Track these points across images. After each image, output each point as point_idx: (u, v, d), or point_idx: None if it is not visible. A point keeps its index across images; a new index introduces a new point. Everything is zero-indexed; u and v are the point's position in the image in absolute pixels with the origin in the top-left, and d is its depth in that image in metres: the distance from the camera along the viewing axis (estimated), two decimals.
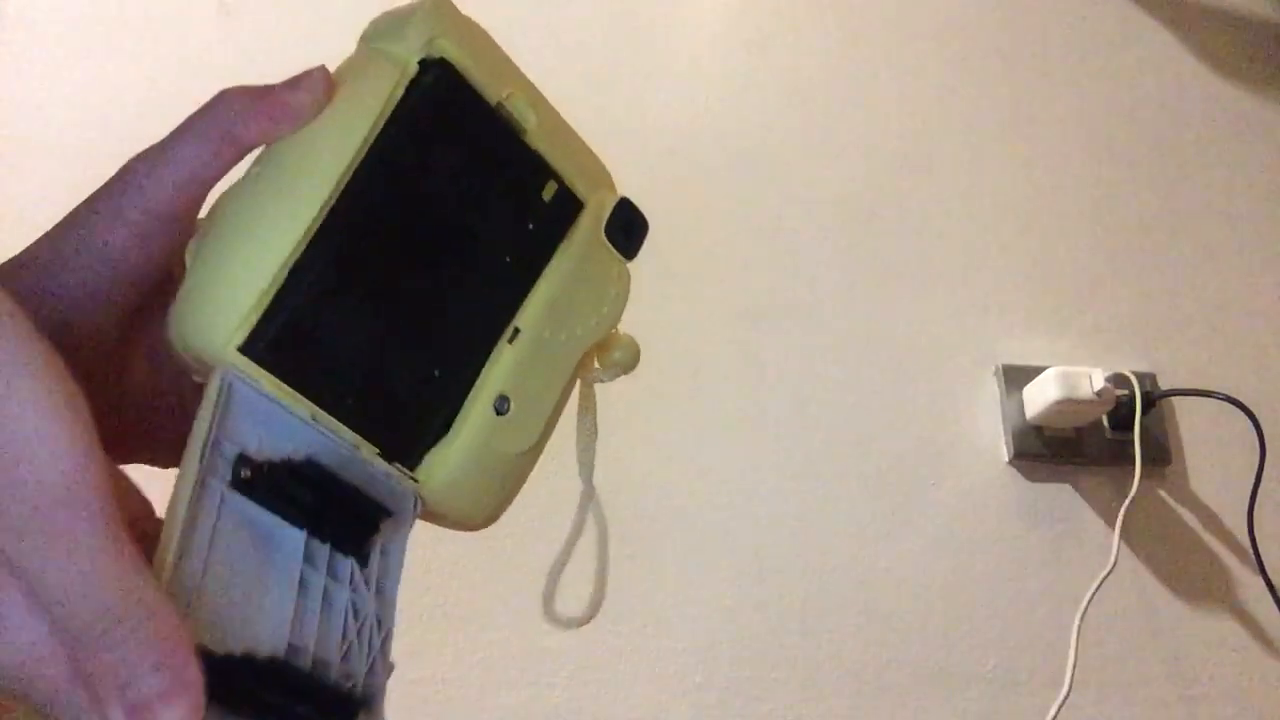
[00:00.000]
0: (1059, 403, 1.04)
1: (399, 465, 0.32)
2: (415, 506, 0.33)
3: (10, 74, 1.11)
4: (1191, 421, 1.13)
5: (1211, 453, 1.11)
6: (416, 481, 0.33)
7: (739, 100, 1.24)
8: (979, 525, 1.05)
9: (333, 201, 0.29)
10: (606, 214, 0.38)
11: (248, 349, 0.28)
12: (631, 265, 0.41)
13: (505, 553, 0.95)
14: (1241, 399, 1.04)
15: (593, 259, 0.38)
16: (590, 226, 0.37)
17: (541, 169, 0.34)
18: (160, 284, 0.32)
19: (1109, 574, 1.02)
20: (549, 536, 0.42)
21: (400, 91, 0.30)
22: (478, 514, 0.36)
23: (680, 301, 1.11)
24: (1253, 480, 1.04)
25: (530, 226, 0.34)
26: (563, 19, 1.27)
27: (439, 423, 0.33)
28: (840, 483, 1.05)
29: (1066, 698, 0.97)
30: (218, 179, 0.31)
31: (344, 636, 0.29)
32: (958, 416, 1.10)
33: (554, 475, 0.42)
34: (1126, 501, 1.05)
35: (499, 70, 0.33)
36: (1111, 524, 1.05)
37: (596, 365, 0.40)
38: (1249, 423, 1.04)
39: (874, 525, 1.03)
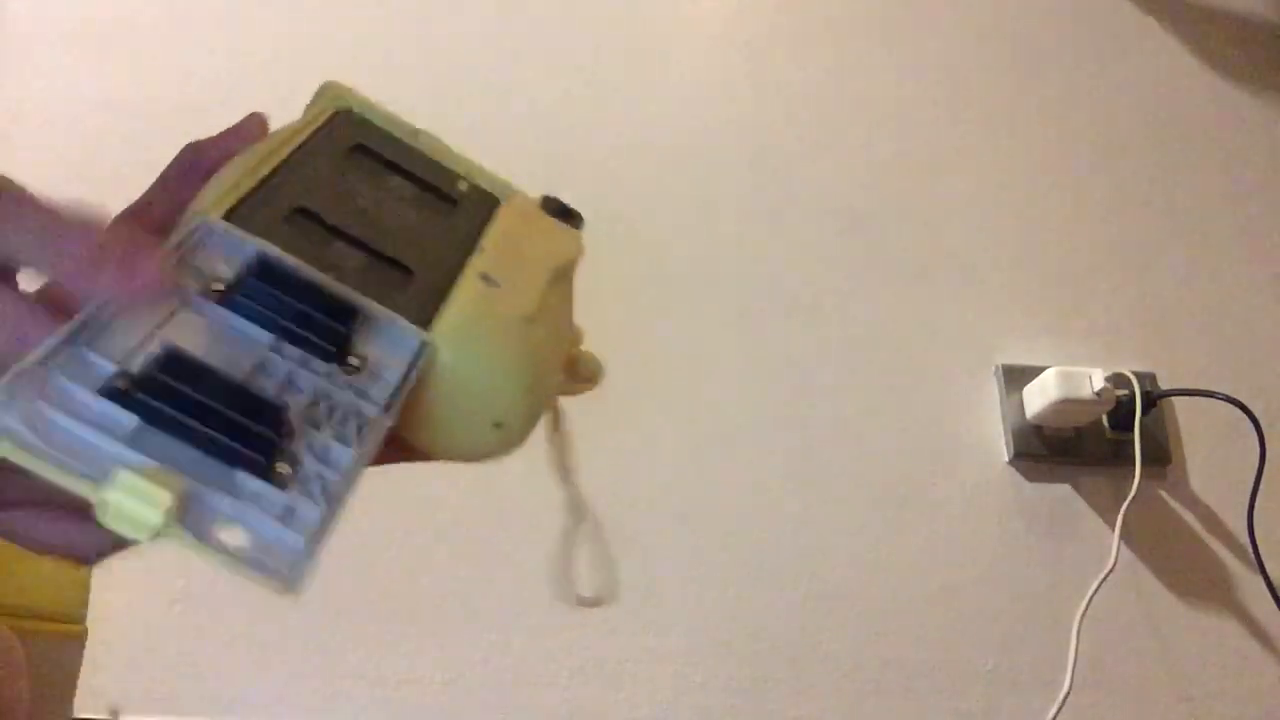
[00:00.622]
0: (1059, 403, 1.04)
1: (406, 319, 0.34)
2: (421, 352, 0.33)
3: (10, 74, 1.11)
4: (1191, 421, 1.13)
5: (1211, 453, 1.11)
6: (426, 331, 0.34)
7: (739, 102, 1.25)
8: (979, 525, 1.05)
9: (288, 151, 0.37)
10: (536, 204, 0.43)
11: (228, 217, 0.33)
12: (631, 264, 0.42)
13: (505, 553, 0.95)
14: (1241, 399, 1.04)
15: (535, 217, 0.42)
16: (523, 204, 0.42)
17: (451, 173, 0.42)
18: None
19: (1109, 574, 1.02)
20: (548, 536, 0.42)
21: (322, 121, 0.40)
22: (500, 374, 0.35)
23: (680, 301, 1.11)
24: (1253, 480, 1.04)
25: (456, 202, 0.40)
26: (564, 23, 1.27)
27: (434, 299, 0.35)
28: (840, 483, 1.05)
29: (1066, 698, 0.97)
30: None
31: (305, 410, 0.30)
32: (958, 416, 1.10)
33: (550, 478, 0.42)
34: (1126, 501, 1.05)
35: (400, 122, 0.43)
36: (1111, 524, 1.05)
37: (564, 379, 0.43)
38: (1249, 423, 1.04)
39: (874, 525, 1.03)
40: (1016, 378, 1.10)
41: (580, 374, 0.43)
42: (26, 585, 0.71)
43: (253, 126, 0.39)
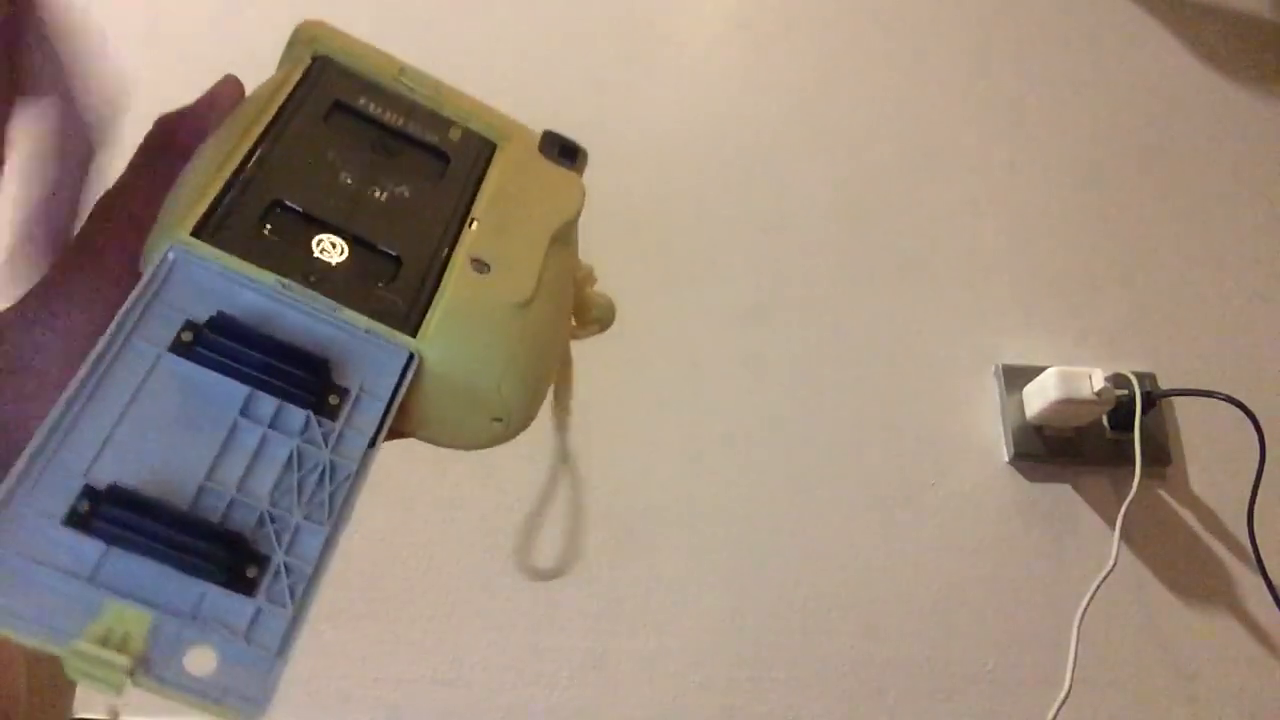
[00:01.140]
0: (1059, 403, 1.04)
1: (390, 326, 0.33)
2: (410, 364, 0.32)
3: None
4: (1191, 421, 1.13)
5: (1211, 453, 1.11)
6: (414, 339, 0.33)
7: (738, 100, 1.25)
8: (979, 525, 1.05)
9: (259, 130, 0.35)
10: (535, 143, 0.41)
11: (198, 233, 0.31)
12: (631, 264, 0.42)
13: (504, 553, 0.95)
14: (1241, 399, 1.04)
15: (532, 167, 0.40)
16: (520, 149, 0.40)
17: (442, 120, 0.39)
18: None
19: (1109, 574, 1.02)
20: (547, 536, 0.42)
21: (299, 74, 0.38)
22: (492, 367, 0.34)
23: (680, 301, 1.11)
24: (1253, 480, 1.04)
25: (449, 159, 0.38)
26: (562, 19, 1.27)
27: (423, 294, 0.34)
28: (839, 482, 1.05)
29: (1066, 697, 0.97)
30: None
31: (279, 483, 0.30)
32: (958, 416, 1.10)
33: (547, 475, 0.42)
34: (1126, 501, 1.05)
35: (383, 60, 0.40)
36: (1111, 524, 1.05)
37: (574, 323, 0.41)
38: (1249, 423, 1.04)
39: (873, 525, 1.03)
40: (1016, 378, 1.10)
41: (589, 318, 0.42)
42: None
43: (227, 92, 0.37)
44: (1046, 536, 1.06)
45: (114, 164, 0.36)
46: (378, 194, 0.36)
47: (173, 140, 0.35)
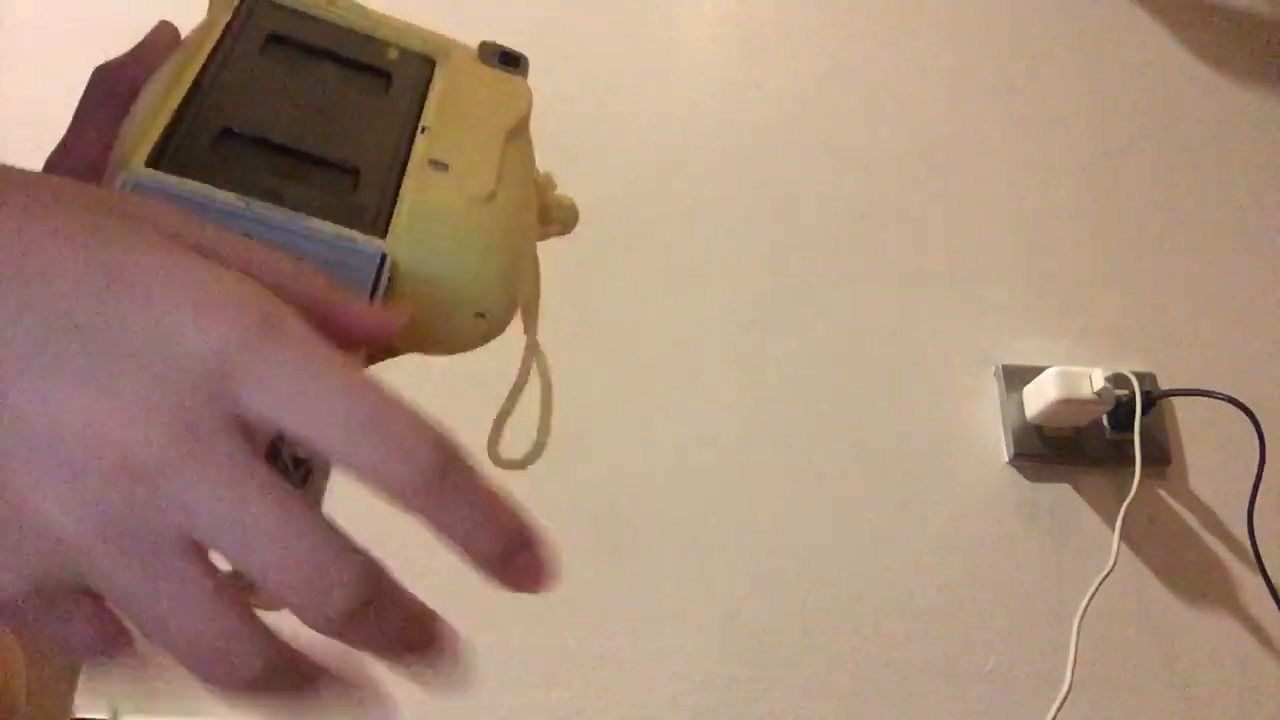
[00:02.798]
0: (1059, 403, 1.04)
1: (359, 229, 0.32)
2: (382, 265, 0.32)
3: (13, 77, 1.11)
4: (1191, 421, 1.13)
5: (1211, 453, 1.11)
6: (383, 240, 0.33)
7: (738, 101, 1.25)
8: (979, 525, 1.05)
9: (198, 66, 0.34)
10: (474, 55, 0.41)
11: (154, 165, 0.31)
12: (629, 263, 0.41)
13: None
14: (1241, 399, 1.04)
15: (476, 74, 0.40)
16: (461, 61, 0.40)
17: (378, 42, 0.40)
18: None
19: (1109, 574, 1.02)
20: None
21: (229, 14, 0.38)
22: (465, 259, 0.33)
23: (680, 301, 1.11)
24: (1253, 480, 1.04)
25: (390, 76, 0.38)
26: (562, 19, 1.27)
27: (386, 198, 0.33)
28: (840, 482, 1.05)
29: (1066, 697, 0.97)
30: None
31: None
32: (958, 416, 1.10)
33: (549, 481, 0.42)
34: (1126, 501, 1.05)
35: None
36: (1111, 524, 1.05)
37: (541, 222, 0.42)
38: (1249, 423, 1.04)
39: (874, 525, 1.03)
40: (1016, 378, 1.10)
41: (551, 218, 0.42)
42: None
43: (162, 37, 0.37)
44: (1046, 536, 1.06)
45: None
46: (325, 113, 0.35)
47: (113, 89, 0.35)
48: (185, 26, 0.38)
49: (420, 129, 0.36)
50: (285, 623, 0.26)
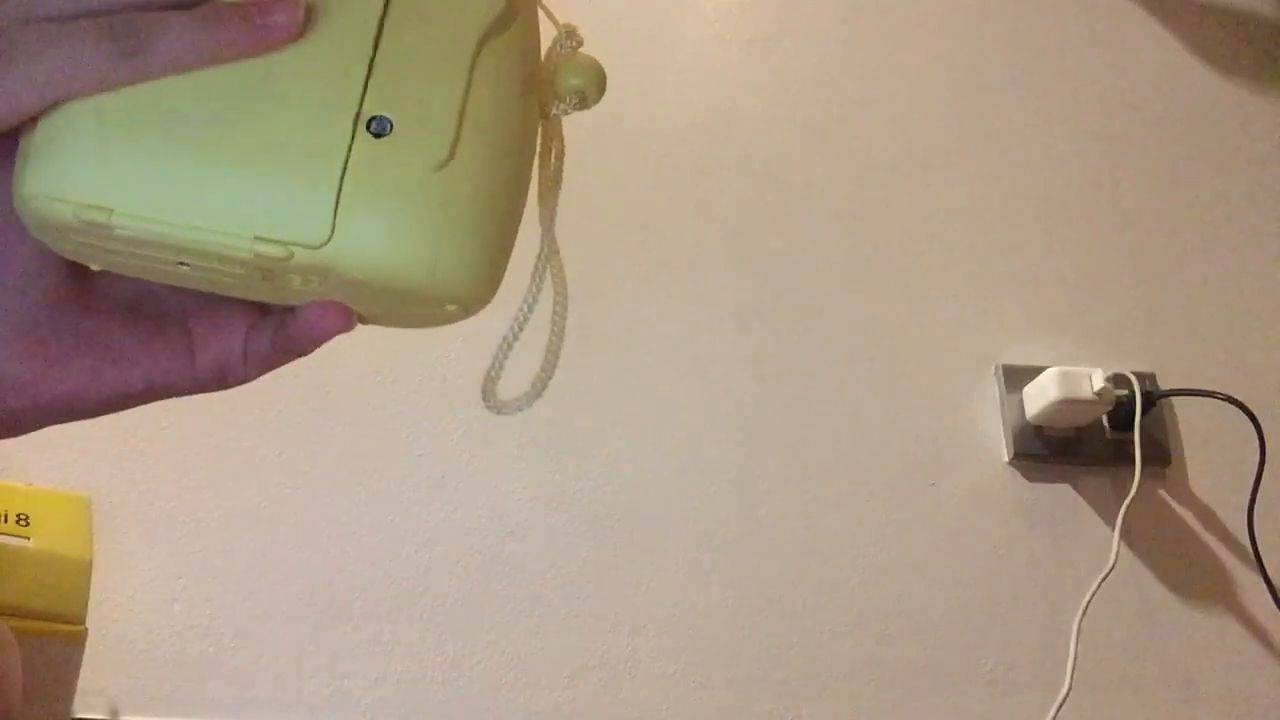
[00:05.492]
0: (1059, 403, 1.04)
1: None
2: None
3: None
4: (1191, 421, 1.13)
5: (1211, 453, 1.11)
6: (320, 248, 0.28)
7: (739, 99, 1.24)
8: (979, 525, 1.05)
9: None
10: None
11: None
12: (629, 263, 0.39)
13: (505, 553, 0.95)
14: (1241, 399, 1.04)
15: None
16: None
17: None
18: None
19: (1109, 574, 1.01)
20: (546, 534, 0.42)
21: None
22: (416, 254, 0.29)
23: (680, 301, 1.11)
24: (1253, 480, 1.04)
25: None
26: (561, 19, 1.26)
27: (330, 180, 0.28)
28: (839, 483, 1.05)
29: (1066, 697, 0.97)
30: None
31: None
32: (958, 416, 1.10)
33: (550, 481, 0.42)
34: (1126, 501, 1.04)
35: None
36: (1111, 524, 1.05)
37: (554, 95, 0.35)
38: (1249, 423, 1.04)
39: (873, 525, 1.03)
40: (1016, 378, 1.10)
41: (566, 88, 0.35)
42: (26, 585, 0.71)
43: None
44: (1046, 536, 1.06)
45: None
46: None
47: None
48: None
49: (372, 66, 0.29)
50: None
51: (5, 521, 0.74)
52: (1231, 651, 1.03)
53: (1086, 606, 1.00)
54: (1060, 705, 0.97)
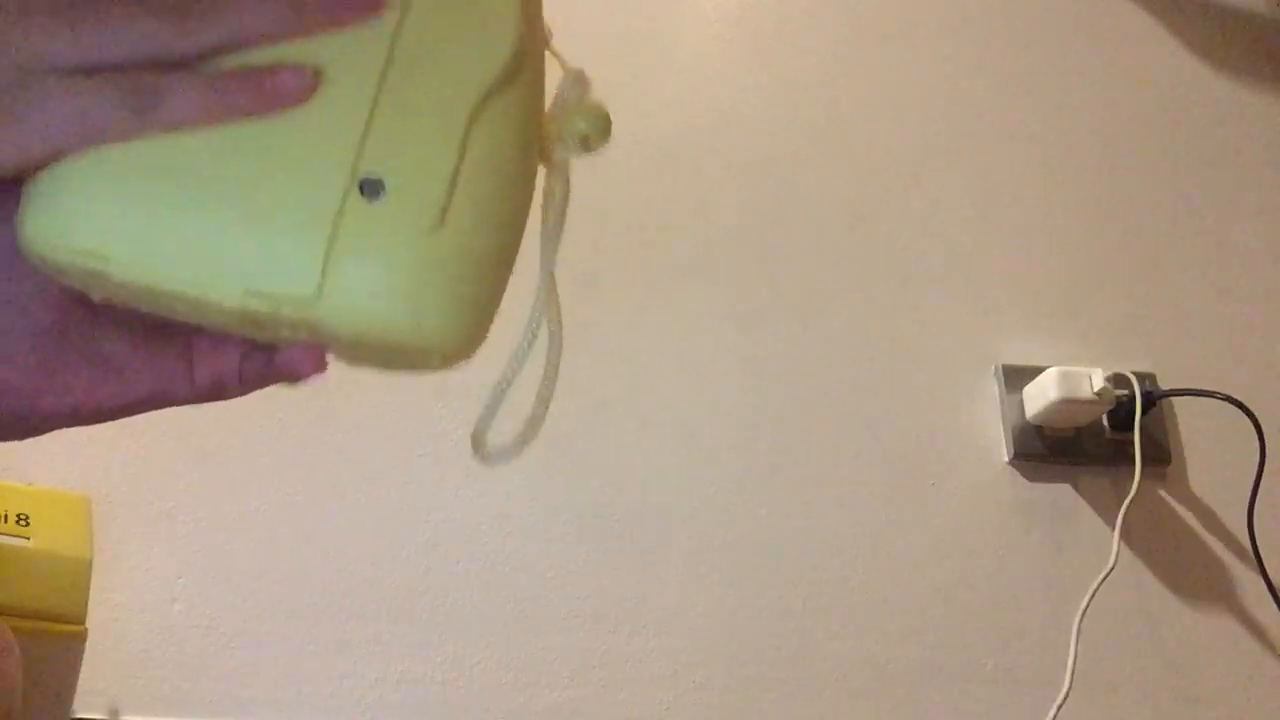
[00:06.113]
0: (1059, 403, 1.04)
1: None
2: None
3: None
4: (1191, 421, 1.13)
5: (1211, 453, 1.11)
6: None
7: (739, 100, 1.24)
8: (979, 525, 1.05)
9: None
10: None
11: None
12: (629, 262, 0.39)
13: (505, 553, 0.95)
14: (1241, 399, 1.04)
15: (448, 8, 0.32)
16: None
17: None
18: None
19: (1109, 574, 1.02)
20: (546, 534, 0.42)
21: None
22: (400, 316, 0.29)
23: (680, 301, 1.11)
24: (1253, 480, 1.04)
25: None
26: (563, 20, 1.26)
27: (319, 238, 0.29)
28: (839, 483, 1.05)
29: (1066, 697, 0.97)
30: None
31: None
32: (958, 416, 1.10)
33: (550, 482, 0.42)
34: (1126, 501, 1.04)
35: None
36: (1111, 524, 1.05)
37: (558, 140, 0.35)
38: (1249, 423, 1.04)
39: (873, 524, 1.03)
40: (1016, 378, 1.10)
41: (570, 131, 0.34)
42: (26, 585, 0.71)
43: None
44: (1046, 536, 1.06)
45: None
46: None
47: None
48: None
49: (371, 119, 0.30)
50: None
51: (5, 521, 0.74)
52: (1231, 651, 1.03)
53: (1086, 606, 1.00)
54: (1060, 705, 0.97)
